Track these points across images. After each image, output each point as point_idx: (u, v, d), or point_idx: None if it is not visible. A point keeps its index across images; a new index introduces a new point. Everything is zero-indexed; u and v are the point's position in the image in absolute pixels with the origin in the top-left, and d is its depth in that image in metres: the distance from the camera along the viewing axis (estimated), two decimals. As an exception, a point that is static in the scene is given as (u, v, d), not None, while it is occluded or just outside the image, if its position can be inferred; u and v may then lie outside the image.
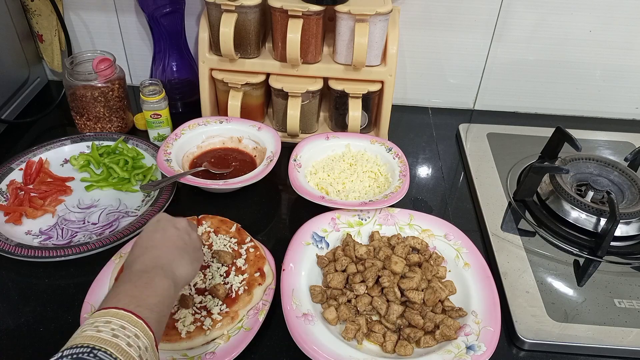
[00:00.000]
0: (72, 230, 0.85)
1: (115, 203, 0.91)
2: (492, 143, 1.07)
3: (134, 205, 0.91)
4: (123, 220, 0.87)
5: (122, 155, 0.98)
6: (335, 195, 0.89)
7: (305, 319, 0.69)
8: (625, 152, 0.97)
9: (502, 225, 0.88)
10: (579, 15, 1.05)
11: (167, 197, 0.89)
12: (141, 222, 0.84)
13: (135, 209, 0.90)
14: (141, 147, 1.01)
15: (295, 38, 0.92)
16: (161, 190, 0.90)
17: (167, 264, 0.60)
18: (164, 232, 0.64)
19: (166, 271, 0.59)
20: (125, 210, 0.90)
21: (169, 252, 0.62)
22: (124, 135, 1.02)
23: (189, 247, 0.64)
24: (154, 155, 0.98)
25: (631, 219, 0.85)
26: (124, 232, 0.81)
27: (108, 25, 1.15)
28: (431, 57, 1.14)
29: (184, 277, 0.62)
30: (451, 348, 0.66)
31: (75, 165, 0.97)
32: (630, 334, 0.71)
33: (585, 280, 0.80)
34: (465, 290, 0.75)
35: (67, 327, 0.70)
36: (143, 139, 1.02)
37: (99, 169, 0.97)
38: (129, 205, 0.91)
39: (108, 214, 0.89)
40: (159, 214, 0.68)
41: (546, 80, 1.16)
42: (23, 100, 1.14)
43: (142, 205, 0.91)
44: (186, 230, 0.67)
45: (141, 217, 0.85)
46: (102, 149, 1.00)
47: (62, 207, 0.90)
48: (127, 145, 1.00)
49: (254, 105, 1.06)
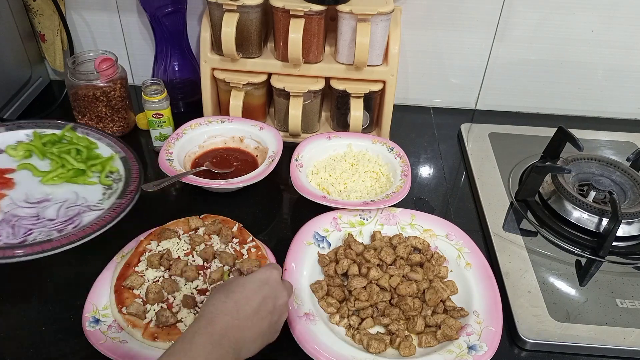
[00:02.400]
0: (25, 227, 0.77)
1: (72, 196, 0.84)
2: (494, 143, 1.07)
3: (95, 199, 0.84)
4: (85, 215, 0.80)
5: (72, 145, 0.90)
6: (337, 195, 0.89)
7: (307, 318, 0.69)
8: (627, 152, 0.97)
9: (503, 225, 0.88)
10: (581, 15, 1.05)
11: (134, 191, 0.82)
12: (110, 215, 0.77)
13: (98, 202, 0.84)
14: (93, 136, 0.92)
15: (297, 38, 0.92)
16: (126, 181, 0.85)
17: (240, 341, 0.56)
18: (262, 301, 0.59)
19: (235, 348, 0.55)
20: (86, 204, 0.83)
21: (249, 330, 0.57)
22: (72, 123, 0.94)
23: (269, 331, 0.61)
24: (110, 144, 0.91)
25: (633, 219, 0.84)
26: (93, 227, 0.75)
27: (110, 25, 1.15)
28: (433, 57, 1.14)
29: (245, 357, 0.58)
30: (453, 348, 0.66)
31: (15, 156, 0.89)
32: (632, 334, 0.71)
33: (587, 280, 0.79)
34: (467, 290, 0.75)
35: (68, 326, 0.70)
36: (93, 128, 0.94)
37: (43, 159, 0.88)
38: (89, 199, 0.84)
39: (67, 208, 0.81)
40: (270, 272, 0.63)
41: (548, 80, 1.16)
42: (25, 100, 1.14)
43: (105, 198, 0.84)
44: (280, 310, 0.62)
45: (110, 210, 0.78)
46: (46, 138, 0.91)
47: (7, 201, 0.82)
48: (76, 134, 0.92)
49: (255, 105, 1.06)
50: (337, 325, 0.71)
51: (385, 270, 0.76)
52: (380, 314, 0.72)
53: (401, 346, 0.67)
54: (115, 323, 0.69)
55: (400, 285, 0.73)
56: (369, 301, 0.72)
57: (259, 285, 0.60)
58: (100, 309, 0.70)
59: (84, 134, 0.92)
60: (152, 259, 0.74)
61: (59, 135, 0.92)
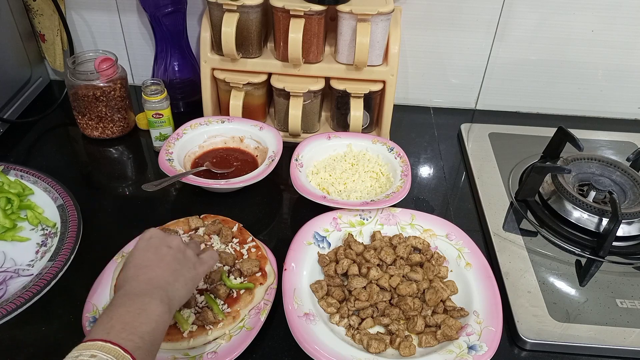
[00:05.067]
0: None
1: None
2: (494, 143, 1.07)
3: (25, 260, 0.73)
4: (12, 282, 0.69)
5: (2, 193, 0.77)
6: (337, 195, 0.89)
7: (307, 318, 0.69)
8: (627, 152, 0.97)
9: (503, 225, 0.88)
10: (581, 15, 1.05)
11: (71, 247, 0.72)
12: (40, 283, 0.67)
13: (28, 265, 0.72)
14: (28, 180, 0.81)
15: (297, 38, 0.92)
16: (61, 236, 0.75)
17: (162, 287, 0.57)
18: (157, 250, 0.62)
19: (162, 295, 0.56)
20: (14, 268, 0.71)
21: (163, 274, 0.59)
22: (3, 164, 0.81)
23: (183, 268, 0.62)
24: (47, 189, 0.81)
25: (633, 219, 0.84)
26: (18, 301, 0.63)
27: (110, 25, 1.15)
28: (433, 57, 1.14)
29: (179, 300, 0.59)
30: (453, 348, 0.66)
31: None
32: (632, 334, 0.71)
33: (587, 280, 0.79)
34: (467, 290, 0.75)
35: (69, 326, 0.70)
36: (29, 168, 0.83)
37: None
38: (18, 261, 0.72)
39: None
40: (150, 230, 0.65)
41: (548, 80, 1.16)
42: (25, 100, 1.14)
43: (37, 259, 0.73)
44: (179, 248, 0.64)
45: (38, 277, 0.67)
46: None
47: None
48: (8, 178, 0.80)
49: (255, 105, 1.06)
50: (337, 325, 0.71)
51: (385, 270, 0.76)
52: (380, 314, 0.72)
53: (401, 346, 0.67)
54: (115, 323, 0.68)
55: (400, 285, 0.73)
56: (369, 301, 0.72)
57: (145, 245, 0.62)
58: (100, 309, 0.70)
59: (17, 178, 0.82)
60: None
61: None
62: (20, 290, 0.67)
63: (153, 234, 0.65)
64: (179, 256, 0.63)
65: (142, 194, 0.86)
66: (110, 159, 1.03)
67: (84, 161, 1.04)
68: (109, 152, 1.04)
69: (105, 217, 0.89)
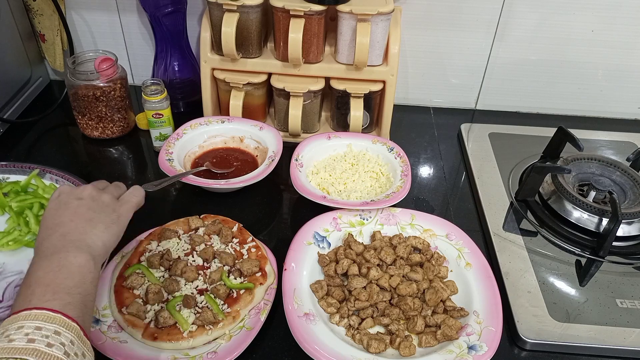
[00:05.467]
0: None
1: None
2: (494, 143, 1.07)
3: None
4: None
5: (36, 198, 0.74)
6: (337, 195, 0.89)
7: (307, 318, 0.69)
8: (627, 152, 0.97)
9: (503, 225, 0.88)
10: (581, 15, 1.05)
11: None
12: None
13: None
14: (63, 184, 0.79)
15: (297, 38, 0.92)
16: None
17: (78, 238, 0.55)
18: (67, 206, 0.59)
19: (79, 246, 0.54)
20: None
21: (78, 226, 0.57)
22: (38, 167, 0.79)
23: (100, 215, 0.60)
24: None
25: (633, 219, 0.84)
26: None
27: (110, 25, 1.15)
28: (433, 57, 1.14)
29: (102, 245, 0.57)
30: (453, 348, 0.66)
31: None
32: (632, 334, 0.71)
33: (587, 280, 0.79)
34: (467, 290, 0.75)
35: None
36: (65, 172, 0.81)
37: (3, 214, 0.70)
38: None
39: (16, 287, 0.65)
40: (57, 189, 0.62)
41: (548, 80, 1.16)
42: (25, 100, 1.14)
43: None
44: (91, 196, 0.61)
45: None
46: (8, 187, 0.74)
47: None
48: (43, 182, 0.77)
49: (255, 105, 1.06)
50: (337, 325, 0.71)
51: (385, 270, 0.76)
52: (380, 314, 0.72)
53: (401, 346, 0.67)
54: (115, 323, 0.69)
55: (400, 285, 0.73)
56: (369, 301, 0.72)
57: (55, 204, 0.60)
58: (100, 309, 0.70)
59: (52, 182, 0.79)
60: (152, 259, 0.74)
61: (22, 184, 0.76)
62: None
63: (61, 190, 0.62)
64: (92, 204, 0.61)
65: (142, 194, 0.86)
66: (110, 159, 1.03)
67: (84, 161, 1.04)
68: (109, 152, 1.04)
69: (105, 217, 0.89)
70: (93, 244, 0.56)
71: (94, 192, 0.63)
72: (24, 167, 0.81)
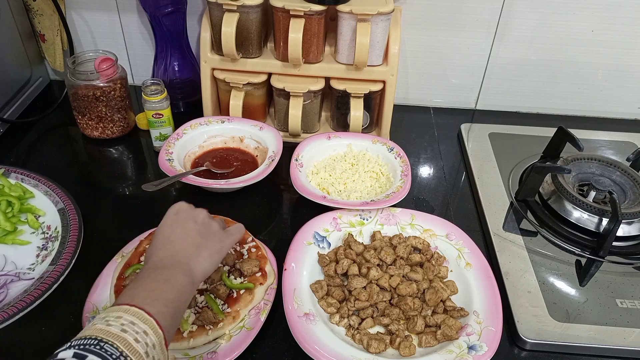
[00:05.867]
0: None
1: (0, 261, 0.71)
2: (494, 143, 1.07)
3: (26, 263, 0.72)
4: (13, 286, 0.68)
5: (3, 196, 0.77)
6: (337, 195, 0.89)
7: (307, 318, 0.69)
8: (627, 152, 0.97)
9: (503, 225, 0.88)
10: (581, 15, 1.05)
11: (72, 252, 0.72)
12: (41, 287, 0.67)
13: (29, 268, 0.72)
14: (28, 182, 0.81)
15: (297, 38, 0.92)
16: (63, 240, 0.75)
17: (186, 261, 0.60)
18: (183, 226, 0.64)
19: (184, 269, 0.59)
20: (15, 271, 0.71)
21: (188, 249, 0.62)
22: (3, 167, 0.81)
23: (208, 242, 0.64)
24: (48, 192, 0.81)
25: (633, 219, 0.84)
26: (19, 305, 0.63)
27: (110, 25, 1.15)
28: (433, 57, 1.14)
29: (202, 273, 0.62)
30: (453, 348, 0.66)
31: None
32: (632, 334, 0.71)
33: (587, 280, 0.79)
34: (467, 290, 0.75)
35: (69, 326, 0.70)
36: (29, 171, 0.83)
37: None
38: (19, 264, 0.72)
39: None
40: (177, 204, 0.67)
41: (548, 80, 1.16)
42: (25, 100, 1.14)
43: (38, 263, 0.73)
44: (205, 223, 0.66)
45: (40, 281, 0.67)
46: None
47: None
48: (9, 181, 0.79)
49: (255, 105, 1.06)
50: (337, 325, 0.71)
51: (385, 270, 0.76)
52: (380, 314, 0.72)
53: (401, 346, 0.67)
54: (115, 323, 0.68)
55: (400, 285, 0.73)
56: (369, 301, 0.72)
57: (173, 219, 0.65)
58: (100, 309, 0.70)
59: (18, 181, 0.81)
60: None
61: None
62: (22, 294, 0.68)
63: (180, 208, 0.67)
64: (203, 231, 0.65)
65: (142, 194, 0.86)
66: (110, 159, 1.03)
67: (84, 161, 1.04)
68: (109, 152, 1.04)
69: (105, 217, 0.89)
70: (195, 269, 0.61)
71: (207, 219, 0.67)
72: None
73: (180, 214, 0.66)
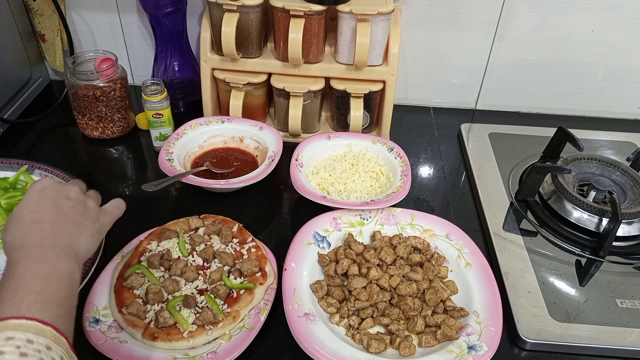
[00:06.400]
0: None
1: None
2: (494, 143, 1.07)
3: None
4: None
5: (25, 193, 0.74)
6: (337, 195, 0.89)
7: (307, 318, 0.69)
8: (627, 152, 0.97)
9: (503, 225, 0.88)
10: (581, 15, 1.05)
11: (90, 261, 0.71)
12: None
13: None
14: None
15: (297, 38, 0.92)
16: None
17: (67, 242, 0.52)
18: (55, 202, 0.55)
19: (68, 252, 0.51)
20: None
21: (66, 228, 0.54)
22: (27, 163, 0.79)
23: (87, 220, 0.57)
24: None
25: (633, 219, 0.84)
26: None
27: (110, 25, 1.15)
28: (433, 57, 1.14)
29: (86, 253, 0.55)
30: (453, 348, 0.66)
31: None
32: (632, 334, 0.71)
33: (587, 280, 0.79)
34: (467, 290, 0.75)
35: (69, 326, 0.70)
36: (54, 167, 0.81)
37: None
38: None
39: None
40: (41, 180, 0.58)
41: (548, 80, 1.16)
42: (25, 100, 1.14)
43: None
44: (79, 200, 0.58)
45: None
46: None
47: None
48: (32, 178, 0.77)
49: (255, 105, 1.06)
50: (337, 325, 0.71)
51: (385, 270, 0.76)
52: (380, 314, 0.72)
53: (401, 346, 0.67)
54: (115, 323, 0.69)
55: (400, 285, 0.73)
56: (369, 301, 0.72)
57: (39, 197, 0.56)
58: (100, 309, 0.70)
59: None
60: (152, 259, 0.74)
61: (11, 180, 0.75)
62: None
63: (46, 184, 0.58)
64: (79, 208, 0.57)
65: (142, 194, 0.86)
66: (110, 159, 1.03)
67: (84, 161, 1.04)
68: (109, 152, 1.04)
69: (105, 217, 0.89)
70: (79, 251, 0.53)
71: (80, 196, 0.59)
72: (12, 163, 0.80)
73: (47, 190, 0.57)
